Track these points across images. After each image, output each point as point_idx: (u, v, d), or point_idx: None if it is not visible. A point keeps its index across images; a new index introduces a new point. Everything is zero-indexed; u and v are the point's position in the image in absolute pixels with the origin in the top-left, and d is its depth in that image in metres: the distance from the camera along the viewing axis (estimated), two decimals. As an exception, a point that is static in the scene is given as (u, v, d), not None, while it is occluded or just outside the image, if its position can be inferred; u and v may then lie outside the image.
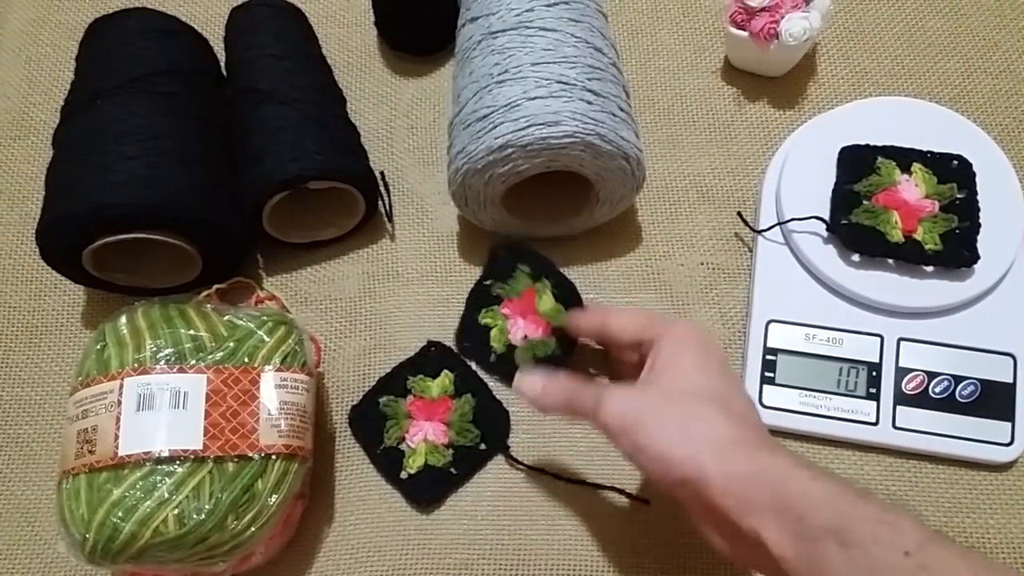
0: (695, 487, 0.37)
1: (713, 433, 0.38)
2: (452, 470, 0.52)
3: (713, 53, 0.65)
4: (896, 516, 0.34)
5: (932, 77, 0.63)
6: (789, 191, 0.55)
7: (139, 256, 0.53)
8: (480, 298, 0.56)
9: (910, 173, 0.54)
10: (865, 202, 0.53)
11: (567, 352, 0.53)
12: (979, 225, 0.52)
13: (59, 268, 0.52)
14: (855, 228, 0.52)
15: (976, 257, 0.51)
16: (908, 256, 0.52)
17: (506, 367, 0.54)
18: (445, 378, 0.54)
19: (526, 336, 0.54)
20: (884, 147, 0.55)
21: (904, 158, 0.55)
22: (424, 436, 0.53)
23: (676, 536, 0.51)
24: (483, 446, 0.53)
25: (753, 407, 0.42)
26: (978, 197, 0.53)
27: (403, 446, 0.53)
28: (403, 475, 0.52)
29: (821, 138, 0.56)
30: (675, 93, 0.64)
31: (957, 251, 0.52)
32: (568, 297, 0.55)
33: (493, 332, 0.55)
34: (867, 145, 0.55)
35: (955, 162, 0.54)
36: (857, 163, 0.54)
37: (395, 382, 0.54)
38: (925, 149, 0.55)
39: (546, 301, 0.55)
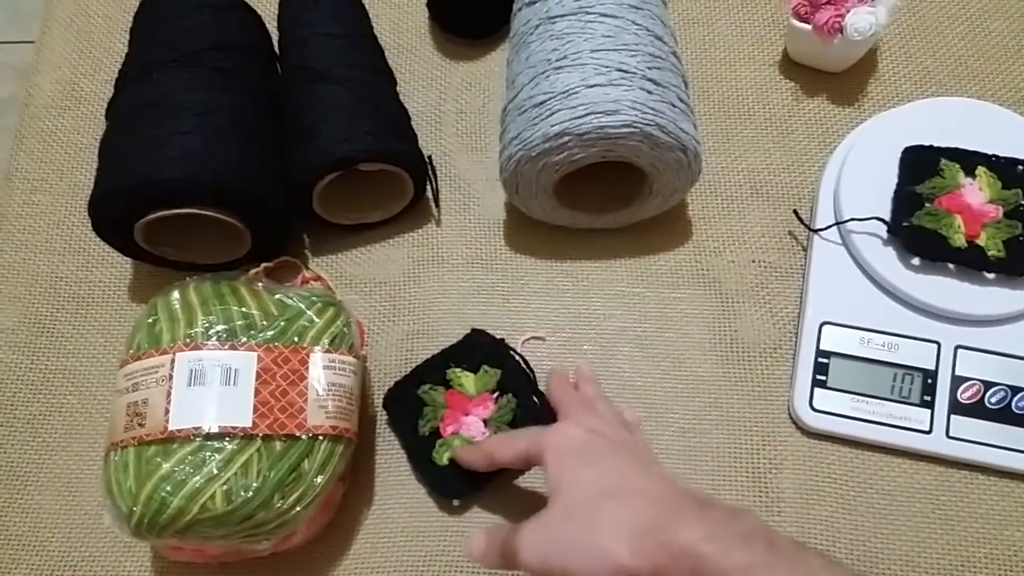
0: None
1: (620, 531, 0.37)
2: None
3: (772, 45, 0.64)
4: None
5: (996, 79, 0.62)
6: (848, 190, 0.54)
7: (188, 231, 0.53)
8: (429, 371, 0.53)
9: (974, 177, 0.53)
10: (927, 204, 0.52)
11: (492, 474, 0.49)
12: None
13: (110, 240, 0.52)
14: (916, 231, 0.51)
15: None
16: (970, 262, 0.51)
17: (425, 451, 0.51)
18: (486, 374, 0.52)
19: (457, 432, 0.51)
20: (948, 149, 0.54)
21: (968, 161, 0.53)
22: (459, 429, 0.51)
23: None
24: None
25: (660, 477, 0.40)
26: None
27: (436, 436, 0.51)
28: (434, 464, 0.50)
29: (882, 137, 0.55)
30: (731, 85, 0.62)
31: (1021, 259, 0.51)
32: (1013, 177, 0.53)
33: (427, 410, 0.52)
34: (931, 146, 0.54)
35: (1021, 167, 0.53)
36: (920, 164, 0.53)
37: (436, 369, 0.53)
38: (990, 152, 0.54)
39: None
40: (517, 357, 0.54)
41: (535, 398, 0.52)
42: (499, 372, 0.52)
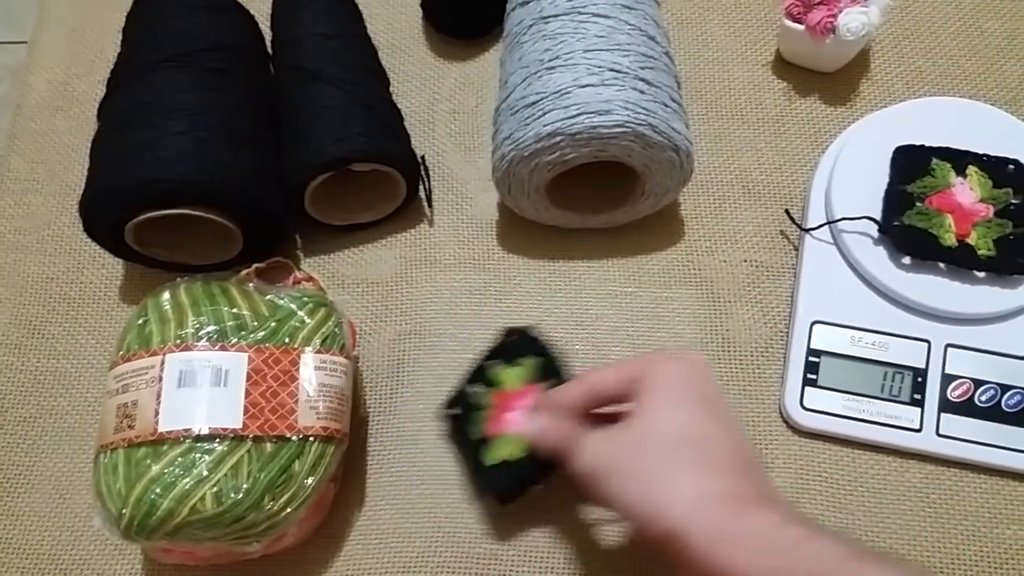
0: (674, 545, 0.34)
1: (690, 487, 0.35)
2: (530, 462, 0.47)
3: (764, 45, 0.64)
4: (898, 573, 0.31)
5: (988, 79, 0.62)
6: (840, 190, 0.54)
7: (180, 232, 0.53)
8: (473, 377, 0.51)
9: (965, 176, 0.53)
10: (918, 204, 0.52)
11: (540, 472, 0.47)
12: None
13: (101, 241, 0.52)
14: (907, 230, 0.51)
15: None
16: (960, 261, 0.51)
17: (477, 456, 0.49)
18: (524, 367, 0.50)
19: (503, 432, 0.49)
20: (939, 148, 0.54)
21: (960, 160, 0.53)
22: (505, 428, 0.49)
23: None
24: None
25: (746, 454, 0.38)
26: None
27: (484, 437, 0.49)
28: (483, 466, 0.48)
29: (874, 137, 0.55)
30: (724, 85, 0.63)
31: (1011, 258, 0.51)
32: (1003, 176, 0.52)
33: (474, 414, 0.50)
34: (922, 146, 0.54)
35: (1011, 166, 0.53)
36: (911, 164, 0.53)
37: (479, 373, 0.51)
38: (981, 152, 0.54)
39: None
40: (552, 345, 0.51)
41: None
42: (538, 360, 0.50)
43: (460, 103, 0.64)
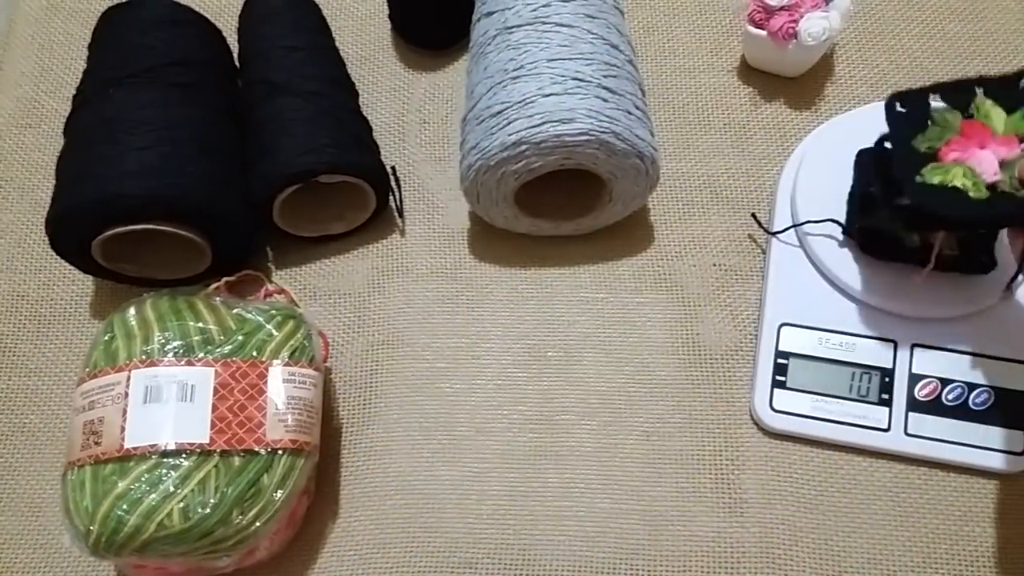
0: None
1: None
2: (978, 207, 0.43)
3: (730, 52, 0.64)
4: None
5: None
6: (804, 193, 0.54)
7: (148, 247, 0.53)
8: (952, 92, 0.46)
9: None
10: (930, 162, 0.46)
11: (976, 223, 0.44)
12: (996, 232, 0.51)
13: (68, 258, 0.52)
14: (870, 232, 0.52)
15: (993, 263, 0.51)
16: (922, 261, 0.51)
17: (912, 167, 0.45)
18: (1023, 118, 0.45)
19: (1003, 161, 0.44)
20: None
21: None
22: (966, 159, 0.44)
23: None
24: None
25: None
26: None
27: (931, 158, 0.45)
28: (918, 181, 0.44)
29: (838, 140, 0.55)
30: (690, 92, 0.63)
31: (974, 258, 0.51)
32: (1019, 99, 0.45)
33: (957, 184, 0.44)
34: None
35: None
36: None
37: (961, 93, 0.46)
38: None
39: (997, 117, 0.46)
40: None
41: None
42: None
43: (430, 113, 0.64)
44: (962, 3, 0.65)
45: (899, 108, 0.48)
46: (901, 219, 0.48)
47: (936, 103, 0.47)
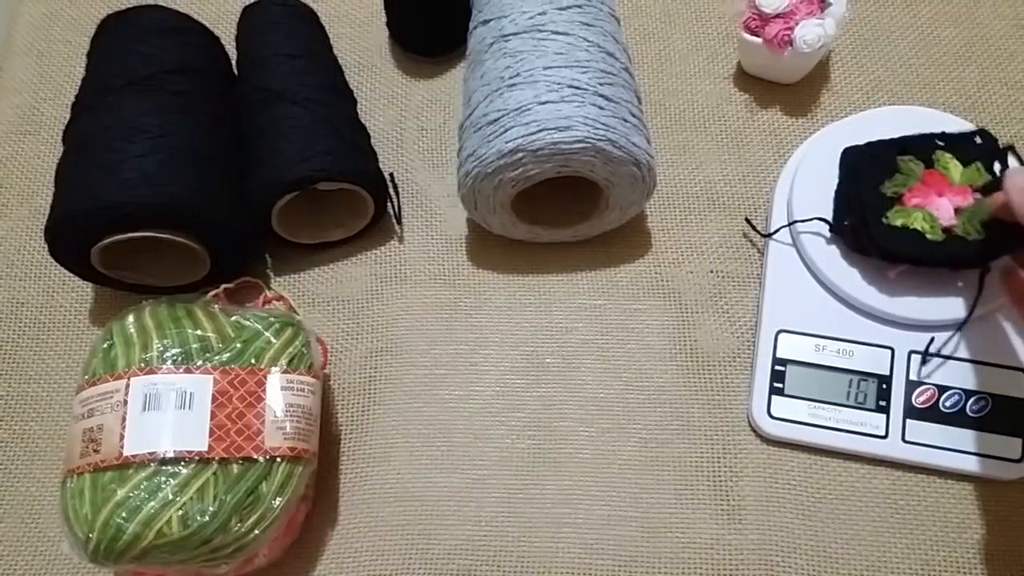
0: None
1: None
2: (934, 248, 0.49)
3: (726, 59, 0.65)
4: None
5: (947, 87, 0.63)
6: (800, 199, 0.55)
7: (148, 254, 0.53)
8: (878, 205, 0.51)
9: (934, 164, 0.52)
10: (897, 205, 0.51)
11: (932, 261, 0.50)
12: None
13: (68, 265, 0.52)
14: (892, 233, 0.51)
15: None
16: (952, 258, 0.50)
17: (879, 209, 0.51)
18: (976, 172, 0.51)
19: (957, 208, 0.50)
20: (895, 141, 0.53)
21: (922, 149, 0.53)
22: (925, 205, 0.50)
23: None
24: (980, 250, 0.49)
25: None
26: None
27: (895, 202, 0.51)
28: (883, 221, 0.50)
29: (834, 146, 0.55)
30: (687, 99, 0.63)
31: (1003, 232, 0.48)
32: (973, 153, 0.52)
33: (917, 227, 0.50)
34: (878, 142, 0.54)
35: (977, 138, 0.52)
36: (876, 165, 0.53)
37: (924, 146, 0.52)
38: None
39: (954, 169, 0.52)
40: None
41: None
42: (991, 177, 0.51)
43: (428, 120, 0.64)
44: (956, 9, 0.66)
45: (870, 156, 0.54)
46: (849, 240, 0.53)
47: (902, 155, 0.53)
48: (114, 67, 0.54)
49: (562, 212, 0.56)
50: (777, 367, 0.52)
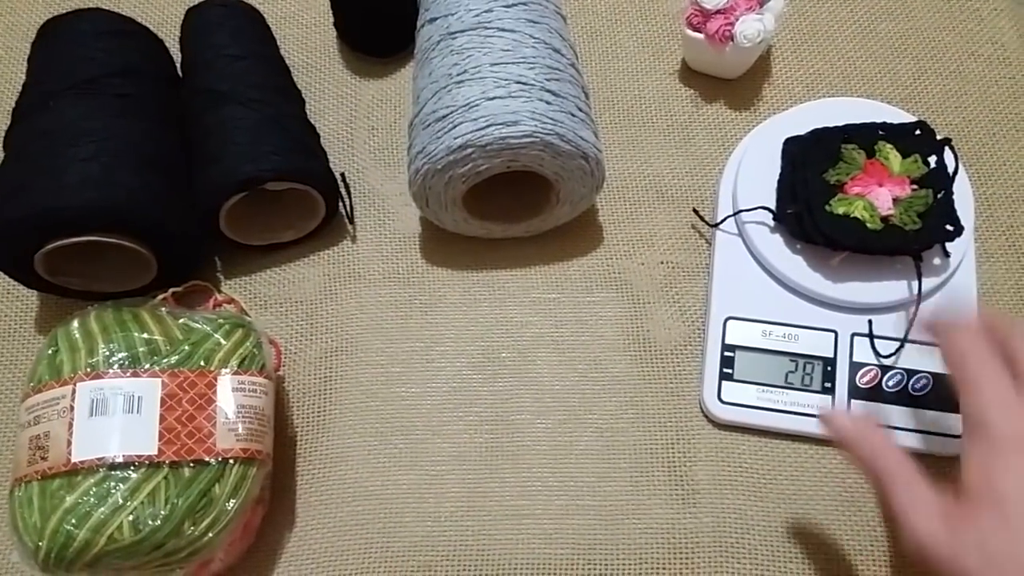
0: None
1: None
2: (876, 239, 0.51)
3: (671, 55, 0.66)
4: None
5: (884, 78, 0.65)
6: (745, 189, 0.56)
7: (93, 260, 0.53)
8: (822, 193, 0.53)
9: (875, 154, 0.54)
10: (839, 193, 0.53)
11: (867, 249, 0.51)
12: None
13: (11, 273, 0.51)
14: (835, 221, 0.52)
15: (960, 229, 0.51)
16: (890, 246, 0.51)
17: (822, 197, 0.52)
18: (915, 164, 0.53)
19: (862, 195, 0.52)
20: (841, 128, 0.55)
21: (866, 138, 0.54)
22: (866, 194, 0.52)
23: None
24: (916, 240, 0.51)
25: None
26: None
27: (838, 189, 0.52)
28: (826, 209, 0.52)
29: (776, 138, 0.57)
30: (634, 95, 0.64)
31: (938, 225, 0.51)
32: (912, 145, 0.53)
33: (858, 215, 0.52)
34: (824, 129, 0.55)
35: (917, 131, 0.54)
36: (821, 152, 0.54)
37: (867, 136, 0.54)
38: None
39: (894, 159, 0.53)
40: (951, 166, 0.52)
41: (955, 207, 0.51)
42: (928, 169, 0.53)
43: (378, 119, 0.64)
44: (893, 3, 0.68)
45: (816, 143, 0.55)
46: (792, 226, 0.54)
47: (847, 144, 0.54)
48: (55, 71, 0.53)
49: (514, 207, 0.57)
50: (726, 353, 0.53)
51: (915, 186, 0.53)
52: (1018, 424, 0.36)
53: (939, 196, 0.52)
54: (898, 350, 0.52)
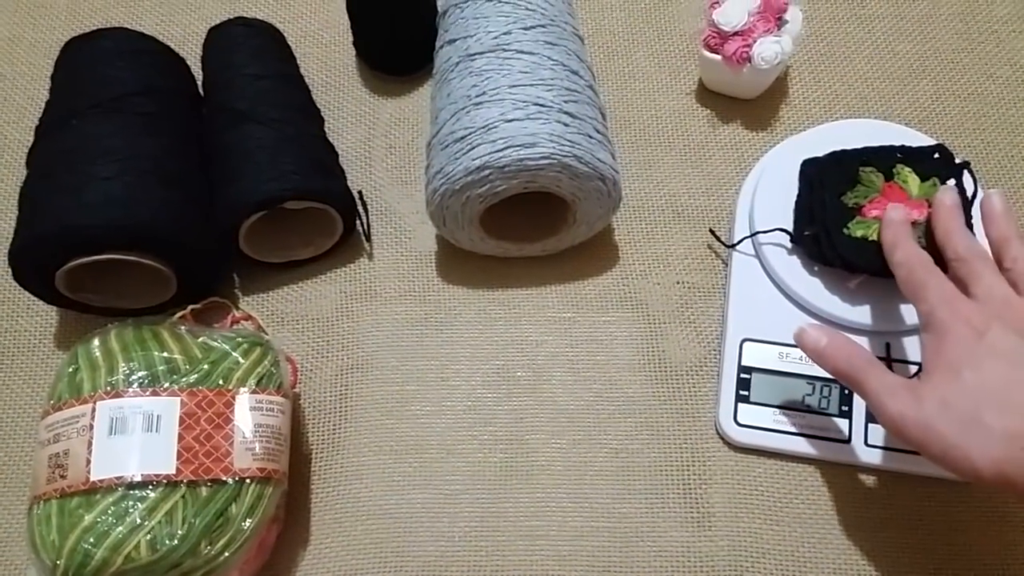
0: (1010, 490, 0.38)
1: (989, 448, 0.38)
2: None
3: (688, 76, 0.66)
4: None
5: (902, 100, 0.65)
6: (761, 210, 0.56)
7: (113, 277, 0.53)
8: (839, 216, 0.53)
9: (894, 177, 0.54)
10: (858, 216, 0.53)
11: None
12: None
13: (32, 289, 0.52)
14: (855, 245, 0.52)
15: None
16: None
17: (841, 219, 0.53)
18: (934, 187, 0.52)
19: (915, 222, 0.51)
20: (859, 151, 0.54)
21: (884, 161, 0.54)
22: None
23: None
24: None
25: None
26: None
27: (856, 212, 0.53)
28: (844, 232, 0.52)
29: (793, 159, 0.57)
30: (651, 115, 0.65)
31: None
32: (931, 168, 0.53)
33: (875, 238, 0.51)
34: (843, 151, 0.55)
35: (936, 154, 0.54)
36: (839, 175, 0.54)
37: (885, 158, 0.54)
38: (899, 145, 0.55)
39: (912, 183, 0.53)
40: (970, 189, 0.53)
41: (973, 230, 0.50)
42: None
43: (396, 138, 0.65)
44: (910, 24, 0.68)
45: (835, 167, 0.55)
46: (809, 249, 0.54)
47: (864, 167, 0.54)
48: (78, 89, 0.54)
49: (530, 227, 0.57)
50: (742, 375, 0.53)
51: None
52: (960, 310, 0.42)
53: None
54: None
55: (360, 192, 0.60)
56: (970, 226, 0.51)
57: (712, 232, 0.59)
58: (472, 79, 0.52)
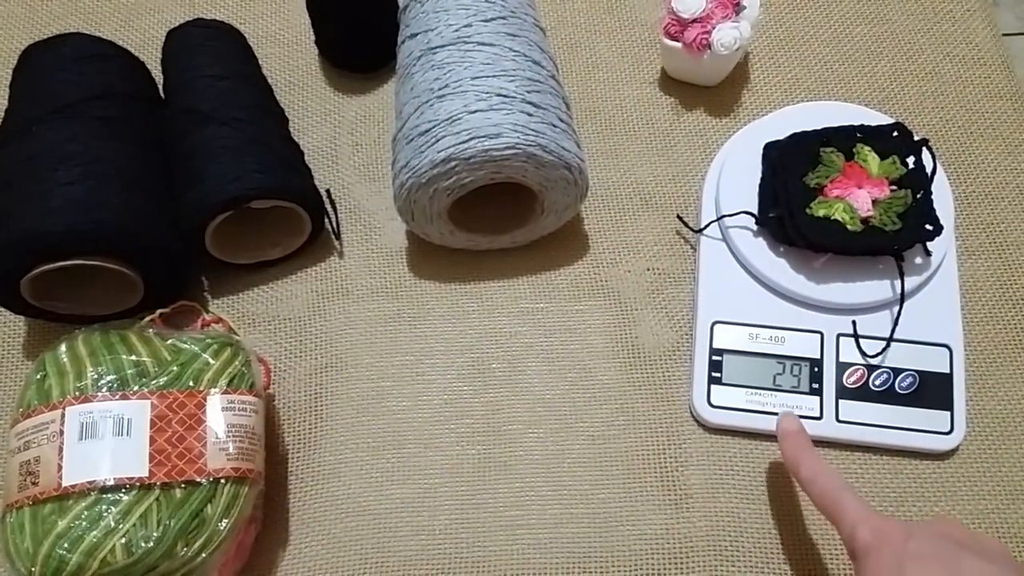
0: None
1: None
2: (856, 240, 0.52)
3: (650, 64, 0.67)
4: None
5: (861, 81, 0.66)
6: (727, 194, 0.57)
7: (80, 283, 0.53)
8: (802, 197, 0.53)
9: (854, 156, 0.55)
10: (819, 196, 0.54)
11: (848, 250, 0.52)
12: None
13: (-4, 299, 0.51)
14: (815, 223, 0.53)
15: (940, 228, 0.52)
16: (871, 246, 0.52)
17: (802, 200, 0.53)
18: (893, 164, 0.53)
19: (842, 198, 0.53)
20: (819, 132, 0.55)
21: (844, 141, 0.55)
22: (846, 196, 0.53)
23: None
24: (896, 240, 0.52)
25: None
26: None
27: (818, 192, 0.53)
28: (807, 212, 0.52)
29: (755, 143, 0.58)
30: (615, 104, 0.65)
31: (916, 224, 0.52)
32: (890, 147, 0.54)
33: (838, 218, 0.52)
34: (803, 133, 0.56)
35: (895, 132, 0.55)
36: (800, 156, 0.55)
37: (845, 139, 0.55)
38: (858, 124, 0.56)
39: (872, 161, 0.54)
40: (929, 166, 0.53)
41: (934, 206, 0.52)
42: (906, 169, 0.53)
43: (362, 135, 0.65)
44: (867, 7, 0.69)
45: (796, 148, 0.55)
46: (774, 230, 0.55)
47: (825, 147, 0.55)
48: (37, 96, 0.53)
49: (499, 219, 0.57)
50: (714, 357, 0.54)
51: (894, 187, 0.53)
52: (880, 528, 0.41)
53: (918, 196, 0.53)
54: (884, 349, 0.53)
55: (328, 190, 0.60)
56: (930, 199, 0.52)
57: (679, 218, 0.59)
58: (435, 72, 0.52)
